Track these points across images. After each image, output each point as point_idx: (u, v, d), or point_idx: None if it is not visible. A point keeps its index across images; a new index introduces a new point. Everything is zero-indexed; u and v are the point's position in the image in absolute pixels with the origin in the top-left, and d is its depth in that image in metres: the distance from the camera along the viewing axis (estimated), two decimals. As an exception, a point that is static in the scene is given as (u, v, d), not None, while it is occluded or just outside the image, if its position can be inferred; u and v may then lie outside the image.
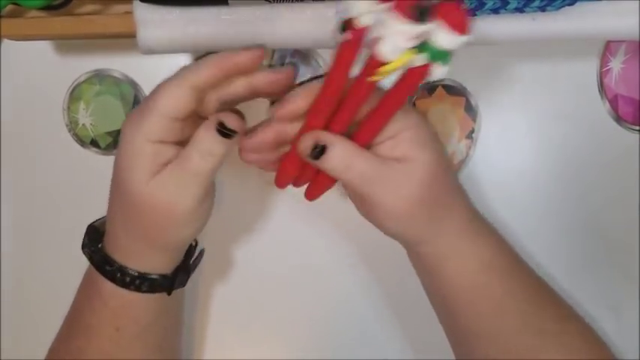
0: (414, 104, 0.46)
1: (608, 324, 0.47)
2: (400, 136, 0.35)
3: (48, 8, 0.36)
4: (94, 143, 0.46)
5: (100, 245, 0.39)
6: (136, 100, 0.45)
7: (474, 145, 0.46)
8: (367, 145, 0.35)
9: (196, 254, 0.43)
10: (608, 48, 0.45)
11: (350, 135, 0.35)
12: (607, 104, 0.46)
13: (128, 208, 0.36)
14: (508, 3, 0.33)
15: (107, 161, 0.46)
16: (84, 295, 0.40)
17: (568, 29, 0.36)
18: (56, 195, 0.47)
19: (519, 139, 0.46)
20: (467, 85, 0.46)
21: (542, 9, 0.34)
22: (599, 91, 0.46)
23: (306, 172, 0.37)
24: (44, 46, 0.45)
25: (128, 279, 0.38)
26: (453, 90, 0.46)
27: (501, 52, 0.46)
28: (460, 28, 0.27)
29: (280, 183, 0.38)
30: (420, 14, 0.26)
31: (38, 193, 0.47)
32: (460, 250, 0.38)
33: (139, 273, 0.38)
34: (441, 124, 0.46)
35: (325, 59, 0.45)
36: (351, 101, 0.33)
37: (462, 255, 0.38)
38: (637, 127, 0.46)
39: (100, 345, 0.38)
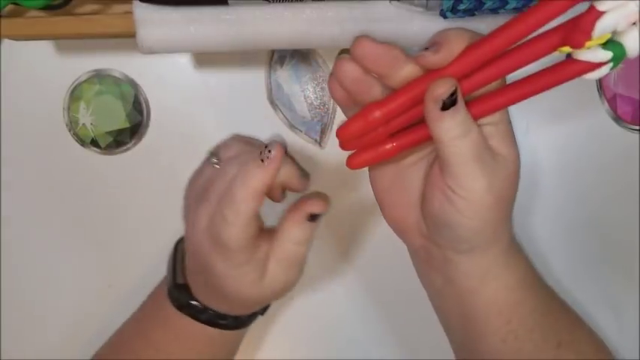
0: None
1: (607, 323, 0.48)
2: (499, 125, 0.33)
3: (48, 8, 0.36)
4: (94, 143, 0.46)
5: (200, 304, 0.39)
6: (136, 100, 0.45)
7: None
8: None
9: None
10: (608, 48, 0.45)
11: None
12: (606, 104, 0.46)
13: (241, 303, 0.38)
14: (507, 3, 0.33)
15: (107, 161, 0.46)
16: (174, 334, 0.40)
17: (567, 29, 0.36)
18: (56, 195, 0.47)
19: (519, 139, 0.46)
20: (466, 84, 0.46)
21: (541, 9, 0.34)
22: (598, 90, 0.46)
23: (376, 134, 0.33)
24: (44, 46, 0.45)
25: (243, 320, 0.40)
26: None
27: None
28: None
29: (348, 131, 0.34)
30: None
31: (38, 192, 0.47)
32: (503, 265, 0.36)
33: (249, 315, 0.41)
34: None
35: (324, 58, 0.45)
36: (507, 63, 0.29)
37: (504, 271, 0.36)
38: (636, 127, 0.46)
39: None
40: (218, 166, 0.37)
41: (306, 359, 0.48)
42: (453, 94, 0.30)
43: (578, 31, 0.26)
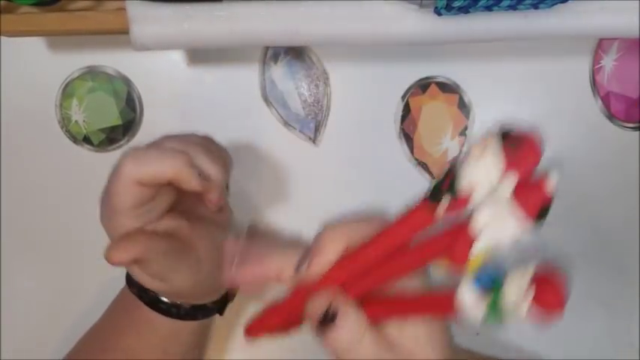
0: (408, 102, 0.46)
1: (599, 320, 0.48)
2: (403, 328, 0.30)
3: (40, 4, 0.36)
4: (86, 140, 0.46)
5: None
6: (129, 97, 0.45)
7: (467, 142, 0.47)
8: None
9: None
10: (601, 46, 0.46)
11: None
12: (599, 102, 0.46)
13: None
14: (501, 0, 0.33)
15: (100, 158, 0.46)
16: (126, 319, 0.39)
17: (560, 27, 0.36)
18: (49, 192, 0.47)
19: (512, 137, 0.47)
20: (460, 82, 0.46)
21: (535, 6, 0.34)
22: (592, 88, 0.46)
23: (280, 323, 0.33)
24: (37, 43, 0.44)
25: (183, 312, 0.38)
26: (447, 87, 0.46)
27: (494, 49, 0.46)
28: (552, 306, 0.23)
29: (254, 332, 0.34)
30: (540, 214, 0.23)
31: (31, 190, 0.47)
32: None
33: (192, 306, 0.39)
34: (434, 121, 0.46)
35: (319, 56, 0.45)
36: (391, 271, 0.28)
37: None
38: (629, 125, 0.46)
39: None
40: None
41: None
42: (328, 311, 0.28)
43: (458, 252, 0.25)
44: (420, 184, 0.47)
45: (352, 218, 0.31)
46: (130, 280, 0.39)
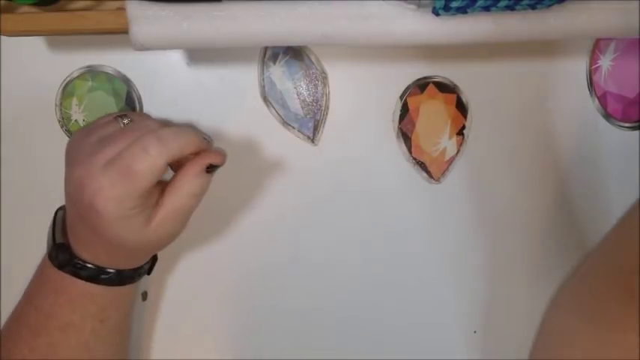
0: (406, 101, 0.46)
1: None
2: None
3: (40, 4, 0.36)
4: (86, 139, 0.46)
5: (81, 260, 0.38)
6: (128, 97, 0.45)
7: (465, 142, 0.47)
8: None
9: None
10: (598, 46, 0.46)
11: None
12: (596, 101, 0.46)
13: (128, 250, 0.38)
14: (499, 0, 0.33)
15: (100, 157, 0.46)
16: (60, 298, 0.39)
17: (558, 27, 0.36)
18: (49, 192, 0.47)
19: (510, 136, 0.47)
20: (458, 82, 0.46)
21: (533, 7, 0.35)
22: (589, 88, 0.46)
23: None
24: (36, 42, 0.45)
25: (127, 275, 0.40)
26: (445, 87, 0.46)
27: (492, 49, 0.46)
28: None
29: None
30: None
31: (30, 189, 0.47)
32: None
33: (133, 270, 0.40)
34: (432, 120, 0.46)
35: (317, 56, 0.45)
36: None
37: None
38: (626, 124, 0.46)
39: (80, 339, 0.39)
40: (124, 125, 0.38)
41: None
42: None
43: None
44: (417, 184, 0.47)
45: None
46: (62, 263, 0.38)
